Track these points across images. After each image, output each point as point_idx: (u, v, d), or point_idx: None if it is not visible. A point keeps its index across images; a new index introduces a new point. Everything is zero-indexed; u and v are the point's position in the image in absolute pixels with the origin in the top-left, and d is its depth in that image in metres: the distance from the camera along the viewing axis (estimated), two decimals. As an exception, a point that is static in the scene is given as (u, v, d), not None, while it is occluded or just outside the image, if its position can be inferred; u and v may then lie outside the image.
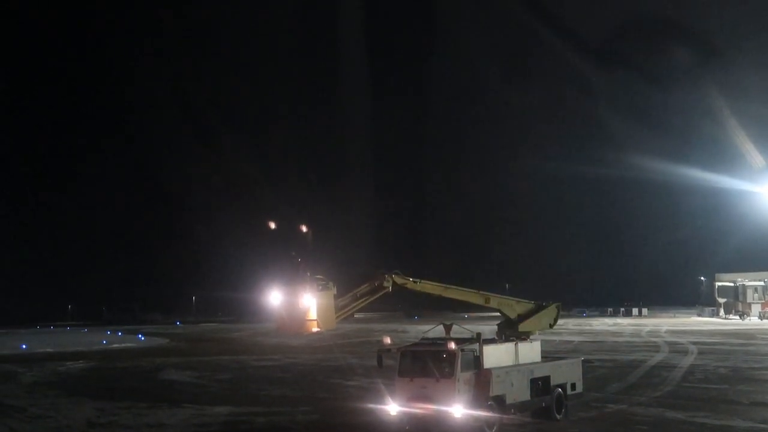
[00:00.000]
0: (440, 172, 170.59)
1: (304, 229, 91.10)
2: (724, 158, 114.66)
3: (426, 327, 31.58)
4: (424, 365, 24.02)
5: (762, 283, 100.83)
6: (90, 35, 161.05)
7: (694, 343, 58.52)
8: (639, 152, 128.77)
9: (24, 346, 68.03)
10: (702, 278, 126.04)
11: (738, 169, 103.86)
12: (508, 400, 24.50)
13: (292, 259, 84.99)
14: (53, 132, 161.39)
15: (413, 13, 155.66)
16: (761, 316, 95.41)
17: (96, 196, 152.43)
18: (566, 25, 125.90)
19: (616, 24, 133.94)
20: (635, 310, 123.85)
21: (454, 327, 25.97)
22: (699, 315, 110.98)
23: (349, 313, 65.23)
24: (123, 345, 73.04)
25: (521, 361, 26.15)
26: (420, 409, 23.46)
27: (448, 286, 31.36)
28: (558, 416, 26.55)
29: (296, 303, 78.79)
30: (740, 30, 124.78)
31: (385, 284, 31.20)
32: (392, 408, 24.04)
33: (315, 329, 76.74)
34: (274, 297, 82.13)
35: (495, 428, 24.02)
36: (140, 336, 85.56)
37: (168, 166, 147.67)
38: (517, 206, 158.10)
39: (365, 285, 33.38)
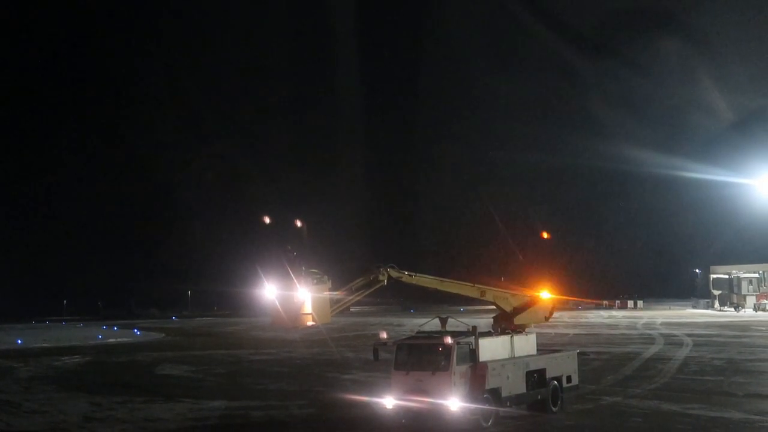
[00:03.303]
0: (432, 166, 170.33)
1: (298, 223, 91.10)
2: (718, 150, 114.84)
3: (422, 320, 31.60)
4: (420, 358, 24.09)
5: (757, 275, 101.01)
6: (83, 29, 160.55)
7: (689, 335, 58.64)
8: (632, 144, 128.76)
9: (20, 341, 67.93)
10: (697, 270, 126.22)
11: (731, 160, 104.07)
12: (504, 393, 24.57)
13: (287, 253, 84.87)
14: (47, 127, 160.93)
15: (403, 6, 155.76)
16: (756, 308, 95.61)
17: (90, 191, 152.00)
18: (555, 15, 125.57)
19: (605, 14, 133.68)
20: (630, 303, 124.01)
21: (450, 320, 26.03)
22: (694, 307, 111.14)
23: (345, 306, 65.06)
24: (119, 340, 72.95)
25: (517, 353, 26.21)
26: (416, 402, 23.52)
27: (443, 279, 31.32)
28: (554, 409, 26.63)
29: (291, 297, 78.69)
30: (731, 19, 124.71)
31: (381, 277, 31.04)
32: (388, 401, 24.10)
33: (310, 323, 76.64)
34: (269, 291, 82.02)
35: (491, 421, 24.10)
36: (136, 331, 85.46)
37: (162, 161, 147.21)
38: (508, 199, 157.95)
39: (360, 278, 33.17)
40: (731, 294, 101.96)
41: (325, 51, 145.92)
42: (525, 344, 26.92)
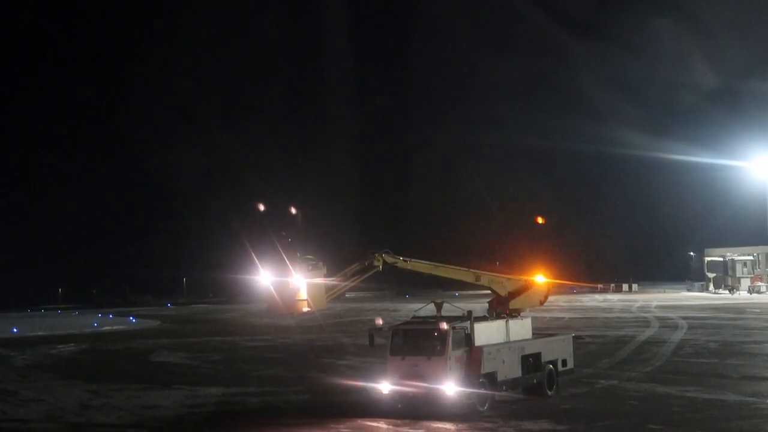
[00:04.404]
0: (425, 152, 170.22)
1: (293, 211, 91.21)
2: (712, 132, 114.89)
3: (417, 305, 31.63)
4: (416, 344, 24.11)
5: (751, 258, 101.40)
6: (76, 21, 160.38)
7: (684, 318, 58.79)
8: (626, 126, 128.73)
9: (15, 330, 67.90)
10: (691, 253, 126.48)
11: (726, 143, 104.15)
12: (500, 377, 24.62)
13: (282, 240, 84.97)
14: (41, 117, 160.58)
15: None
16: (750, 291, 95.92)
17: (85, 180, 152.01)
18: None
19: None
20: (625, 286, 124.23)
21: (445, 305, 26.04)
22: (689, 290, 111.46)
23: (340, 292, 65.29)
24: (114, 327, 72.96)
25: (512, 338, 26.24)
26: (412, 387, 23.56)
27: (438, 264, 31.34)
28: (549, 392, 26.70)
29: (287, 283, 78.86)
30: (725, 1, 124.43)
31: (375, 263, 31.06)
32: (384, 386, 24.14)
33: (306, 309, 76.89)
34: (265, 278, 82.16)
35: (487, 405, 24.14)
36: (131, 318, 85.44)
37: (157, 150, 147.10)
38: (502, 183, 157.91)
39: (355, 264, 33.28)
40: (726, 276, 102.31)
41: (316, 40, 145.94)
42: (520, 328, 26.96)
